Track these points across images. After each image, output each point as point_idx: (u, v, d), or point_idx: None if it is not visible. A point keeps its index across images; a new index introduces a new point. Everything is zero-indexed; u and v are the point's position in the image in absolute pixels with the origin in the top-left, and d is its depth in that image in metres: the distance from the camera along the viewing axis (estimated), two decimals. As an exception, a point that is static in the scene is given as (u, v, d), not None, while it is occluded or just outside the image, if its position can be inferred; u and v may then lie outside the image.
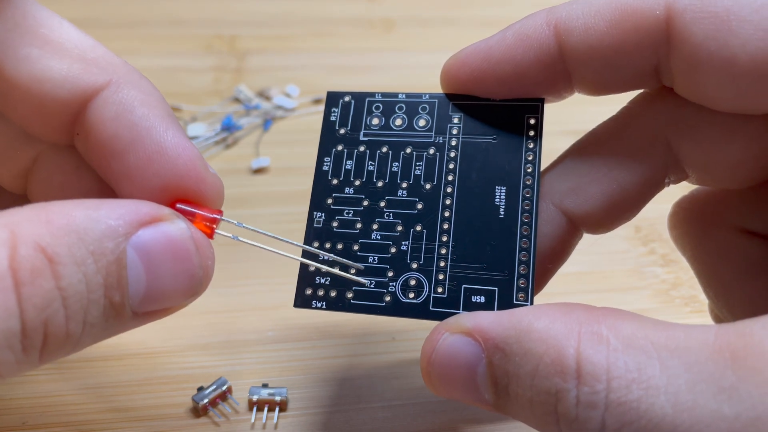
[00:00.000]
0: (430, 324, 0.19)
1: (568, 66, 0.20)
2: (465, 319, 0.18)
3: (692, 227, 0.23)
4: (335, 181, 0.22)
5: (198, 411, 0.25)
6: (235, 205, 0.19)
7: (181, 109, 0.42)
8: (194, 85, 0.44)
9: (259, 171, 0.38)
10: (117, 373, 0.26)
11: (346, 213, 0.21)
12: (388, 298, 0.20)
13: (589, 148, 0.22)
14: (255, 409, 0.25)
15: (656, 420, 0.14)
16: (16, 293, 0.14)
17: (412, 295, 0.20)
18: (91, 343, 0.16)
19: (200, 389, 0.25)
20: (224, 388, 0.25)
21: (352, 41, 0.49)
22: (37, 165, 0.21)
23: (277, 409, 0.25)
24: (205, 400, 0.25)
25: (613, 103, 0.22)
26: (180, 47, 0.47)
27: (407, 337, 0.28)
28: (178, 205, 0.19)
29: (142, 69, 0.20)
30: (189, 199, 0.19)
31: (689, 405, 0.14)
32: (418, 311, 0.20)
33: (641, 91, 0.21)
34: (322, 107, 0.43)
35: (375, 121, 0.22)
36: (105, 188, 0.20)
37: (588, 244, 0.22)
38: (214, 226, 0.19)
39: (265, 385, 0.26)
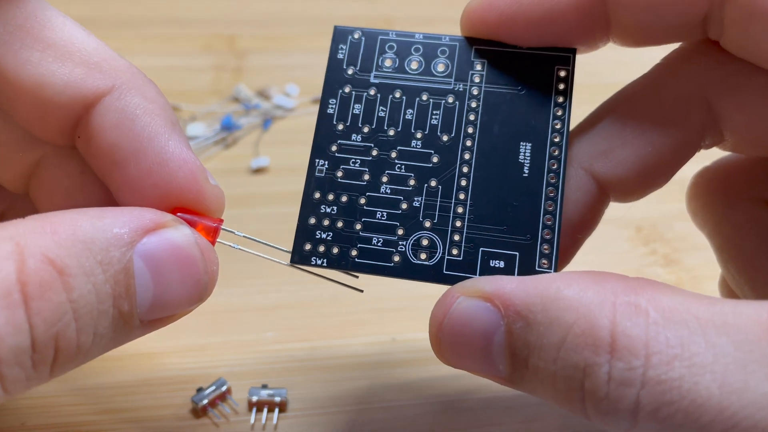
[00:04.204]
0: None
1: (608, 9, 0.18)
2: (484, 282, 0.16)
3: (714, 199, 0.22)
4: (341, 127, 0.20)
5: (197, 412, 0.25)
6: (235, 205, 0.19)
7: (180, 108, 0.42)
8: (194, 85, 0.44)
9: (258, 171, 0.38)
10: (116, 374, 0.26)
11: (353, 162, 0.19)
12: (397, 258, 0.19)
13: (621, 108, 0.20)
14: (254, 409, 0.25)
15: (700, 401, 0.13)
16: (25, 308, 0.14)
17: (423, 256, 0.18)
18: (98, 355, 0.16)
19: (199, 390, 0.25)
20: (224, 388, 0.25)
21: (352, 41, 0.49)
22: (42, 167, 0.21)
23: (276, 409, 0.25)
24: (205, 401, 0.25)
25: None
26: (180, 47, 0.47)
27: (407, 337, 0.28)
28: (179, 214, 0.18)
29: (141, 69, 0.20)
30: (189, 209, 0.19)
31: (739, 386, 0.13)
32: (430, 274, 0.18)
33: (677, 47, 0.20)
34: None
35: (388, 62, 0.20)
36: (110, 193, 0.19)
37: (588, 244, 0.22)
38: (216, 234, 0.19)
39: (264, 386, 0.26)
